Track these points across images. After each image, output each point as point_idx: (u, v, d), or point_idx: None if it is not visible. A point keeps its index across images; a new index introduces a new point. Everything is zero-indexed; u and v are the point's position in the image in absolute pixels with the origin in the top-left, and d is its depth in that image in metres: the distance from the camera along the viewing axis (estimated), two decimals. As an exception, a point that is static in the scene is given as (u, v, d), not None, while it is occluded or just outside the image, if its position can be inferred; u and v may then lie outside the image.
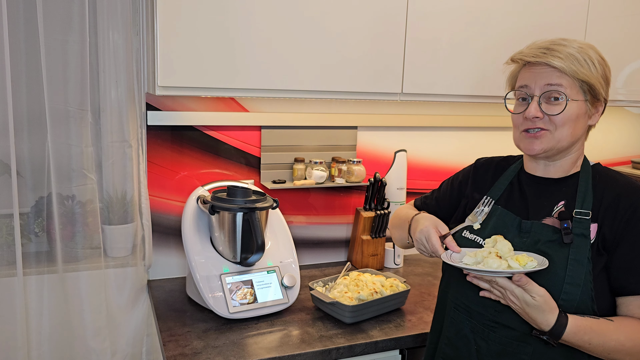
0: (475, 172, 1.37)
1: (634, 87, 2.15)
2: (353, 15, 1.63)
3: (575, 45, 1.14)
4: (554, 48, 1.13)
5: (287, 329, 1.57)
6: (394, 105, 2.13)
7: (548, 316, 1.06)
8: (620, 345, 1.06)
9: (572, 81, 1.13)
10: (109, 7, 1.64)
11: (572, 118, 1.14)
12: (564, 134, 1.15)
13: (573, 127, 1.15)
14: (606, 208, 1.13)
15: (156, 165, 1.85)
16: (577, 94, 1.14)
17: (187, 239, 1.66)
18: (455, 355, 1.25)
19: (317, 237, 2.13)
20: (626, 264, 1.10)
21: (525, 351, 1.13)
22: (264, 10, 1.52)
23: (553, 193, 1.20)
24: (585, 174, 1.19)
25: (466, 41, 1.80)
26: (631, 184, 1.15)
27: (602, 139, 2.61)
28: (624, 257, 1.10)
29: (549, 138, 1.15)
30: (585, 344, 1.06)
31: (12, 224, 1.61)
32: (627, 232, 1.10)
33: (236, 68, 1.52)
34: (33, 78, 1.61)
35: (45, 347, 1.71)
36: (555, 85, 1.13)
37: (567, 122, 1.14)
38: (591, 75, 1.13)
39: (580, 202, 1.15)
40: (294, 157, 2.02)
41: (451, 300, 1.28)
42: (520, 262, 1.08)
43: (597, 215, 1.13)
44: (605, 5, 2.00)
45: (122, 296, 1.80)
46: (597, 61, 1.15)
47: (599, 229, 1.12)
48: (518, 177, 1.28)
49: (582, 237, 1.12)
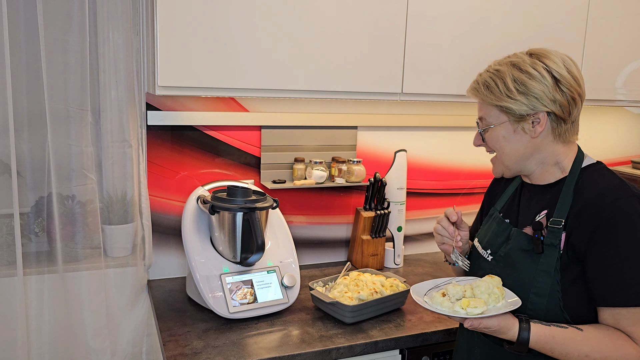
0: (492, 184, 1.46)
1: (634, 87, 2.15)
2: (353, 15, 1.63)
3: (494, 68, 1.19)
4: (477, 79, 1.23)
5: (287, 328, 1.57)
6: (394, 105, 2.13)
7: (509, 334, 1.09)
8: (585, 357, 1.06)
9: (489, 108, 1.21)
10: (109, 7, 1.64)
11: (500, 139, 1.21)
12: (504, 154, 1.22)
13: (508, 147, 1.20)
14: (574, 216, 1.12)
15: (156, 165, 1.85)
16: (497, 118, 1.19)
17: (187, 239, 1.66)
18: None
19: (317, 237, 2.13)
20: (595, 275, 1.09)
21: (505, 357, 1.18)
22: (264, 10, 1.52)
23: (539, 201, 1.22)
24: (571, 179, 1.17)
25: (466, 41, 1.80)
26: (606, 189, 1.11)
27: (602, 139, 2.61)
28: (593, 267, 1.09)
29: (497, 162, 1.26)
30: (548, 352, 1.09)
31: (12, 224, 1.61)
32: (593, 243, 1.08)
33: (236, 68, 1.52)
34: (33, 78, 1.61)
35: (45, 346, 1.71)
36: (480, 117, 1.25)
37: (498, 144, 1.22)
38: (500, 98, 1.16)
39: (559, 210, 1.14)
40: (294, 157, 2.02)
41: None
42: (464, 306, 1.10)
43: (566, 224, 1.12)
44: (605, 5, 2.00)
45: (122, 296, 1.80)
46: (511, 80, 1.16)
47: (567, 238, 1.12)
48: (521, 186, 1.32)
49: (552, 247, 1.12)
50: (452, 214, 1.29)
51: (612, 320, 1.08)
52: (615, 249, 1.06)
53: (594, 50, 2.02)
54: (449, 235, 1.29)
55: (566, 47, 1.96)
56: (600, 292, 1.08)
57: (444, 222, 1.30)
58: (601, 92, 2.09)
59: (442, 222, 1.30)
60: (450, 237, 1.29)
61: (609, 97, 2.12)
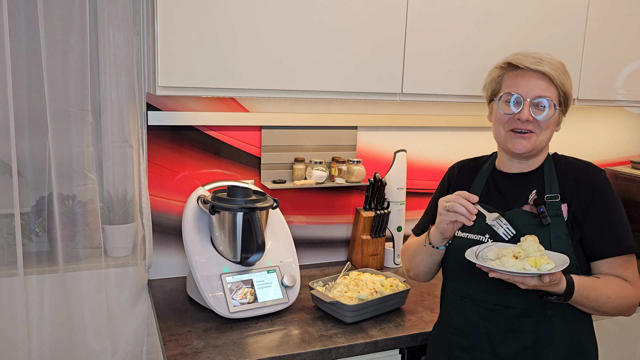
0: (452, 179, 1.48)
1: (634, 87, 2.15)
2: (353, 16, 1.63)
3: (556, 59, 1.31)
4: (544, 59, 1.29)
5: (287, 328, 1.57)
6: (394, 106, 2.13)
7: (560, 286, 1.20)
8: (608, 299, 1.24)
9: (556, 92, 1.30)
10: (109, 7, 1.64)
11: (553, 123, 1.31)
12: (546, 136, 1.32)
13: (551, 131, 1.33)
14: (571, 189, 1.30)
15: (157, 165, 1.85)
16: (558, 104, 1.31)
17: (188, 239, 1.66)
18: (468, 342, 1.34)
19: (317, 237, 2.13)
20: (594, 234, 1.28)
21: (527, 324, 1.27)
22: (264, 11, 1.53)
23: (525, 184, 1.35)
24: (548, 164, 1.36)
25: (466, 41, 1.80)
26: (585, 167, 1.34)
27: (602, 139, 2.61)
28: (592, 227, 1.28)
29: (534, 139, 1.31)
30: (583, 299, 1.23)
31: (12, 224, 1.61)
32: (592, 207, 1.28)
33: (236, 68, 1.53)
34: (34, 78, 1.61)
35: (46, 346, 1.71)
36: (544, 96, 1.28)
37: (549, 126, 1.31)
38: (569, 88, 1.32)
39: (549, 188, 1.32)
40: (294, 157, 2.02)
41: (455, 294, 1.37)
42: (535, 264, 1.16)
43: (564, 197, 1.30)
44: (605, 5, 2.00)
45: (123, 296, 1.80)
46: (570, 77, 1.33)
47: (569, 207, 1.29)
48: (492, 176, 1.41)
49: (556, 217, 1.28)
50: (471, 196, 1.27)
51: (609, 270, 1.28)
52: (607, 211, 1.28)
53: (593, 50, 2.02)
54: (469, 211, 1.23)
55: (566, 47, 1.97)
56: (600, 247, 1.28)
57: (462, 200, 1.25)
58: (601, 92, 2.09)
59: (459, 199, 1.25)
60: (470, 213, 1.24)
61: (609, 97, 2.13)
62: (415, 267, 1.46)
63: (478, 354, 1.31)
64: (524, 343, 1.27)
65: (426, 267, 1.44)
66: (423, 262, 1.43)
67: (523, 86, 1.29)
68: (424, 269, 1.45)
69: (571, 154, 1.40)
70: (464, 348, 1.34)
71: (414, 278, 1.51)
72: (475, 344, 1.32)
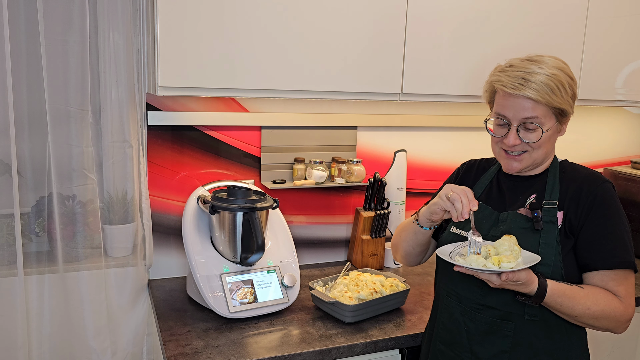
0: (461, 174, 1.50)
1: (634, 87, 2.15)
2: (353, 16, 1.63)
3: (547, 71, 1.23)
4: (529, 79, 1.22)
5: (287, 328, 1.57)
6: (394, 106, 2.13)
7: (531, 287, 1.19)
8: (586, 309, 1.21)
9: (546, 109, 1.24)
10: (109, 7, 1.64)
11: (546, 140, 1.28)
12: (540, 153, 1.29)
13: (548, 145, 1.30)
14: (571, 198, 1.28)
15: (157, 165, 1.85)
16: (549, 120, 1.26)
17: (188, 239, 1.66)
18: (450, 337, 1.36)
19: (317, 237, 2.13)
20: (588, 244, 1.26)
21: (507, 328, 1.27)
22: (264, 11, 1.53)
23: (526, 188, 1.35)
24: (553, 170, 1.34)
25: (466, 42, 1.80)
26: (591, 176, 1.31)
27: (602, 139, 2.61)
28: (587, 237, 1.26)
29: (527, 158, 1.29)
30: (557, 305, 1.21)
31: (12, 224, 1.61)
32: (589, 217, 1.26)
33: (236, 68, 1.53)
34: (34, 78, 1.61)
35: (46, 346, 1.71)
36: (531, 117, 1.24)
37: (542, 145, 1.28)
38: (562, 101, 1.25)
39: (549, 194, 1.30)
40: (294, 157, 2.02)
41: (443, 289, 1.40)
42: (497, 262, 1.18)
43: (563, 204, 1.28)
44: (605, 5, 2.00)
45: (123, 296, 1.80)
46: (567, 84, 1.25)
47: (565, 215, 1.28)
48: (497, 177, 1.42)
49: (550, 223, 1.27)
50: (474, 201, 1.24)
51: (601, 282, 1.25)
52: (604, 224, 1.25)
53: (593, 50, 2.02)
54: (462, 213, 1.21)
55: (566, 48, 1.97)
56: (593, 258, 1.25)
57: (464, 199, 1.22)
58: (600, 92, 2.09)
59: (463, 197, 1.22)
60: (462, 214, 1.21)
61: (608, 97, 2.13)
62: (399, 243, 1.47)
63: (458, 351, 1.33)
64: (501, 347, 1.27)
65: (409, 247, 1.44)
66: (407, 240, 1.43)
67: (509, 108, 1.25)
68: (408, 249, 1.45)
69: (571, 154, 1.41)
70: (446, 343, 1.37)
71: (400, 259, 1.51)
72: (456, 340, 1.34)
